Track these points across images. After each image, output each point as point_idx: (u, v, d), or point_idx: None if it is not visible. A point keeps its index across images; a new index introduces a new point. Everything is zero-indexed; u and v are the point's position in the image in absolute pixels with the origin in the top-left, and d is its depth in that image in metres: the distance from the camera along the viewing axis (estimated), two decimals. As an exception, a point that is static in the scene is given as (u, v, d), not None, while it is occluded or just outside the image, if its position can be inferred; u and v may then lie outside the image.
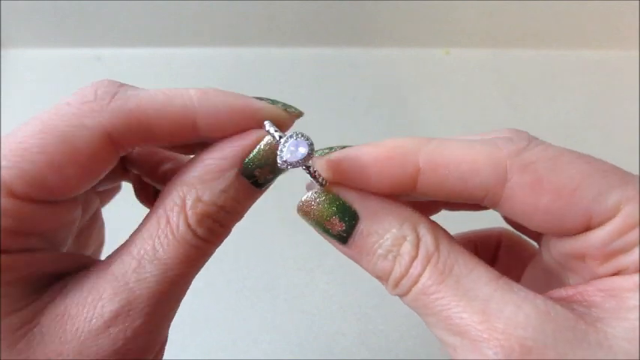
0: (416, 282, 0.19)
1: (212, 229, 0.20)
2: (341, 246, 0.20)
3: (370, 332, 0.48)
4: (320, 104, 0.64)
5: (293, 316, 0.49)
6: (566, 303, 0.18)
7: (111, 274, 0.19)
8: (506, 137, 0.20)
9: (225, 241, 0.22)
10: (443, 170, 0.19)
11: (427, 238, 0.19)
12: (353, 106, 0.64)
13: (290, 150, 0.19)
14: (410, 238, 0.19)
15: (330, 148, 0.20)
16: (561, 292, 0.19)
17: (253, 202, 0.22)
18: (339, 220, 0.20)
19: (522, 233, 0.26)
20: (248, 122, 0.20)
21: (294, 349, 0.48)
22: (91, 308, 0.19)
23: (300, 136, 0.19)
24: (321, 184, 0.20)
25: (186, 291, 0.21)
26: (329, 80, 0.67)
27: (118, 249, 0.21)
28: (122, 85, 0.20)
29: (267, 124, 0.20)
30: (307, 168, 0.19)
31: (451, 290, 0.18)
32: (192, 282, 0.21)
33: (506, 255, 0.28)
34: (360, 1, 0.64)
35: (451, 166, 0.19)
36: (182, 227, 0.19)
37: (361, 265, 0.20)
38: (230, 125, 0.20)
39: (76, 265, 0.21)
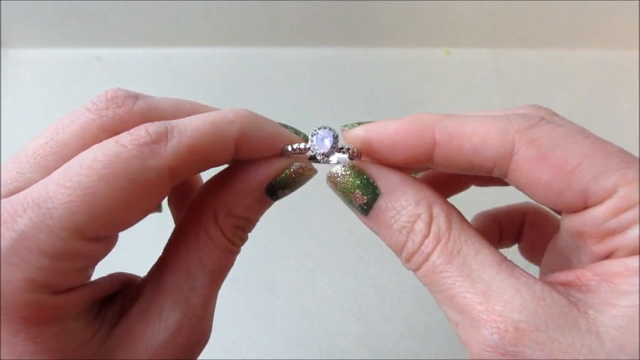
0: (427, 259, 0.20)
1: (240, 236, 0.23)
2: (362, 217, 0.22)
3: (370, 332, 0.48)
4: (320, 104, 0.64)
5: (293, 316, 0.49)
6: (565, 288, 0.19)
7: (164, 288, 0.21)
8: (521, 113, 0.21)
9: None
10: (457, 142, 0.20)
11: (440, 218, 0.20)
12: (353, 106, 0.64)
13: (319, 144, 0.22)
14: (424, 216, 0.20)
15: (359, 123, 0.22)
16: (560, 277, 0.19)
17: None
18: (361, 193, 0.21)
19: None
20: (276, 147, 0.23)
21: (294, 349, 0.48)
22: (155, 322, 0.20)
23: (320, 129, 0.22)
24: (352, 158, 0.22)
25: None
26: (329, 80, 0.67)
27: (158, 264, 0.22)
28: (169, 126, 0.20)
29: (289, 147, 0.23)
30: (340, 150, 0.22)
31: (457, 270, 0.19)
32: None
33: (530, 231, 0.29)
34: (360, 1, 0.64)
35: (464, 138, 0.20)
36: (220, 237, 0.22)
37: (379, 236, 0.22)
38: (262, 150, 0.22)
39: (122, 283, 0.23)
